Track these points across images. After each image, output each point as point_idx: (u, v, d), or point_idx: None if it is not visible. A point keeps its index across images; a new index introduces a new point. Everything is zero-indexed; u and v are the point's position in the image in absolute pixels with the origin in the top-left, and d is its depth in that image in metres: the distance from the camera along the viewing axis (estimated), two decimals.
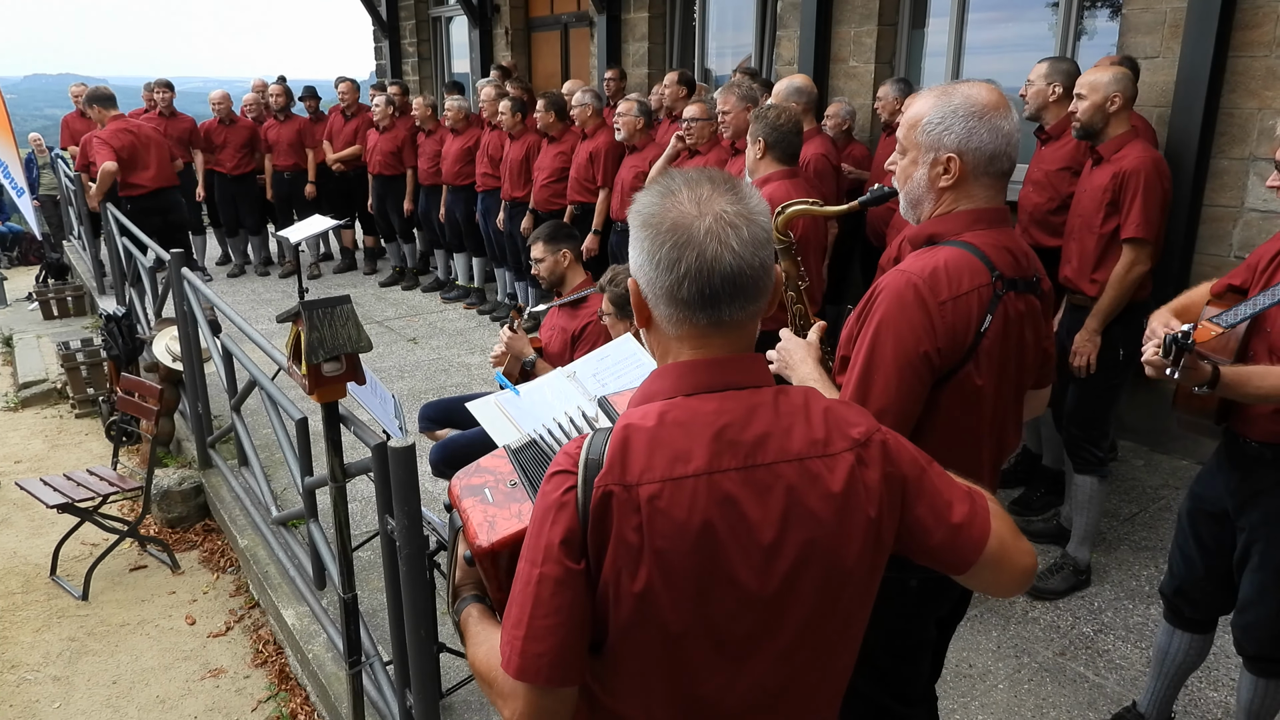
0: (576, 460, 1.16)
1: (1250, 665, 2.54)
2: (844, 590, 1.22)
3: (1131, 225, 3.36)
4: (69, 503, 4.36)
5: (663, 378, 1.23)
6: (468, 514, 1.40)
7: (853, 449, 1.21)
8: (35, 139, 12.03)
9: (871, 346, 1.75)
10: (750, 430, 1.17)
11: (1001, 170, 1.81)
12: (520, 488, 1.44)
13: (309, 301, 2.27)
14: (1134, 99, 3.57)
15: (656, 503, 1.12)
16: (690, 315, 1.19)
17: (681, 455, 1.14)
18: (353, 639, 2.83)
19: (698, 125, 5.02)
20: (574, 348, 3.82)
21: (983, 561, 1.29)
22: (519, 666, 1.14)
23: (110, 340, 5.93)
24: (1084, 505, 3.61)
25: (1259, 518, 2.38)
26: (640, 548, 1.12)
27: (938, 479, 1.30)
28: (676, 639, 1.17)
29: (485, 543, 1.35)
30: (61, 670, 3.86)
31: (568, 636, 1.14)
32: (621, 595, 1.14)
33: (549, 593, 1.13)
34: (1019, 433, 2.01)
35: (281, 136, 8.75)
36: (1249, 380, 2.11)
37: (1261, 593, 2.41)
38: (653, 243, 1.18)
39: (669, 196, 1.19)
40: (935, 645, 2.16)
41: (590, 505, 1.13)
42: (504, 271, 7.59)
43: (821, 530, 1.18)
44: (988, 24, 5.84)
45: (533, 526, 1.18)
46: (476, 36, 10.46)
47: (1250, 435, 2.33)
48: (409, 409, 5.16)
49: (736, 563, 1.15)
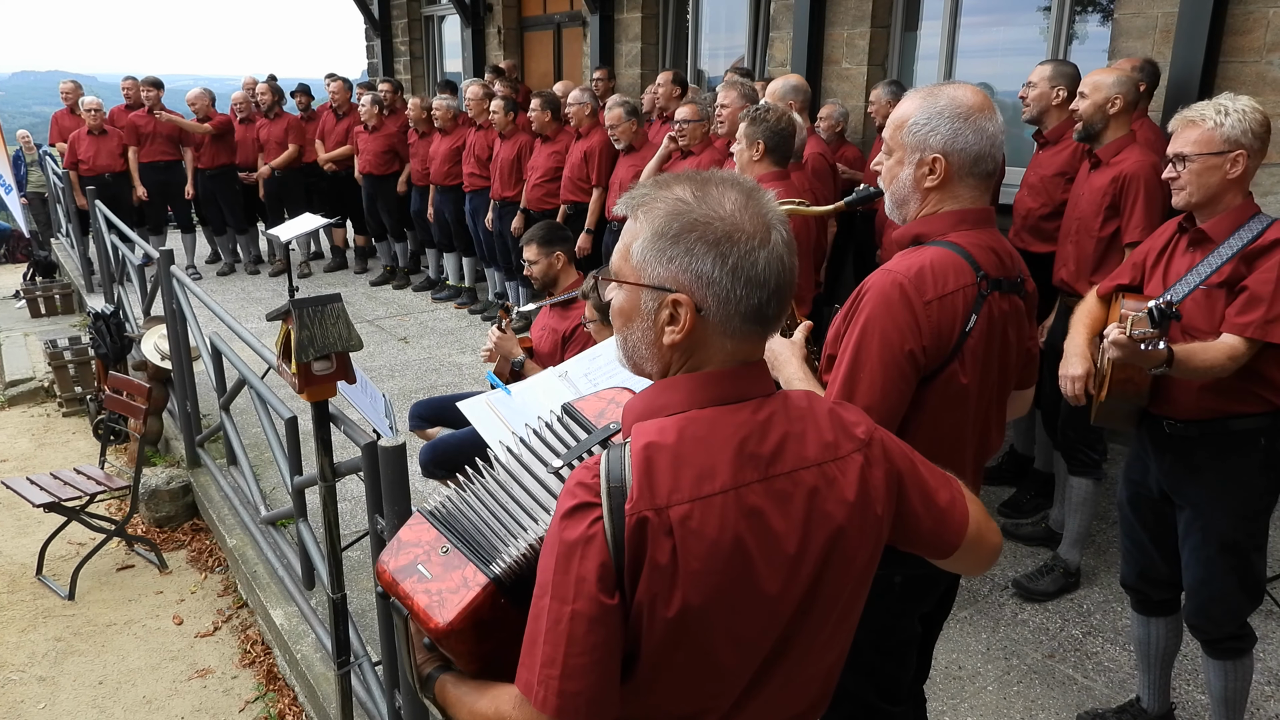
0: (596, 490, 1.11)
1: (1212, 650, 2.58)
2: (855, 589, 1.24)
3: (1134, 229, 3.35)
4: (56, 502, 4.34)
5: (673, 390, 1.18)
6: (411, 598, 1.30)
7: (860, 450, 1.22)
8: (23, 136, 11.96)
9: (858, 345, 1.76)
10: (768, 440, 1.15)
11: (986, 171, 1.83)
12: (455, 552, 1.33)
13: (299, 300, 2.26)
14: (1136, 103, 3.54)
15: (688, 524, 1.09)
16: (743, 319, 1.15)
17: (706, 472, 1.11)
18: (341, 639, 2.82)
19: (690, 127, 5.02)
20: (564, 348, 3.81)
21: (964, 544, 1.33)
22: (557, 707, 1.09)
23: (98, 338, 5.89)
24: (1077, 507, 3.62)
25: (1196, 496, 2.46)
26: (674, 571, 1.09)
27: (922, 468, 1.32)
28: (706, 656, 1.15)
29: (443, 623, 1.25)
30: (47, 670, 3.83)
31: (605, 673, 1.11)
32: (655, 621, 1.11)
33: (584, 630, 1.08)
34: (1002, 433, 2.03)
35: (271, 135, 8.71)
36: (1194, 355, 2.20)
37: (1209, 567, 2.47)
38: (705, 248, 1.12)
39: (704, 203, 1.13)
40: (921, 643, 2.17)
41: (625, 535, 1.08)
42: (494, 271, 7.58)
43: (839, 534, 1.18)
44: (980, 27, 5.86)
45: (554, 563, 1.11)
46: (469, 35, 10.45)
47: (1175, 415, 2.42)
48: (400, 408, 5.14)
49: (764, 576, 1.14)
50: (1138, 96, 3.55)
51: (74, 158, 8.54)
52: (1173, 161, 2.37)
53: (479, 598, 1.25)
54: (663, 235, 1.14)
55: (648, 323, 1.17)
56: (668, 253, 1.13)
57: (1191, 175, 2.32)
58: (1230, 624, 2.52)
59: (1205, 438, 2.40)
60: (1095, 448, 3.59)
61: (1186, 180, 2.34)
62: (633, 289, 1.18)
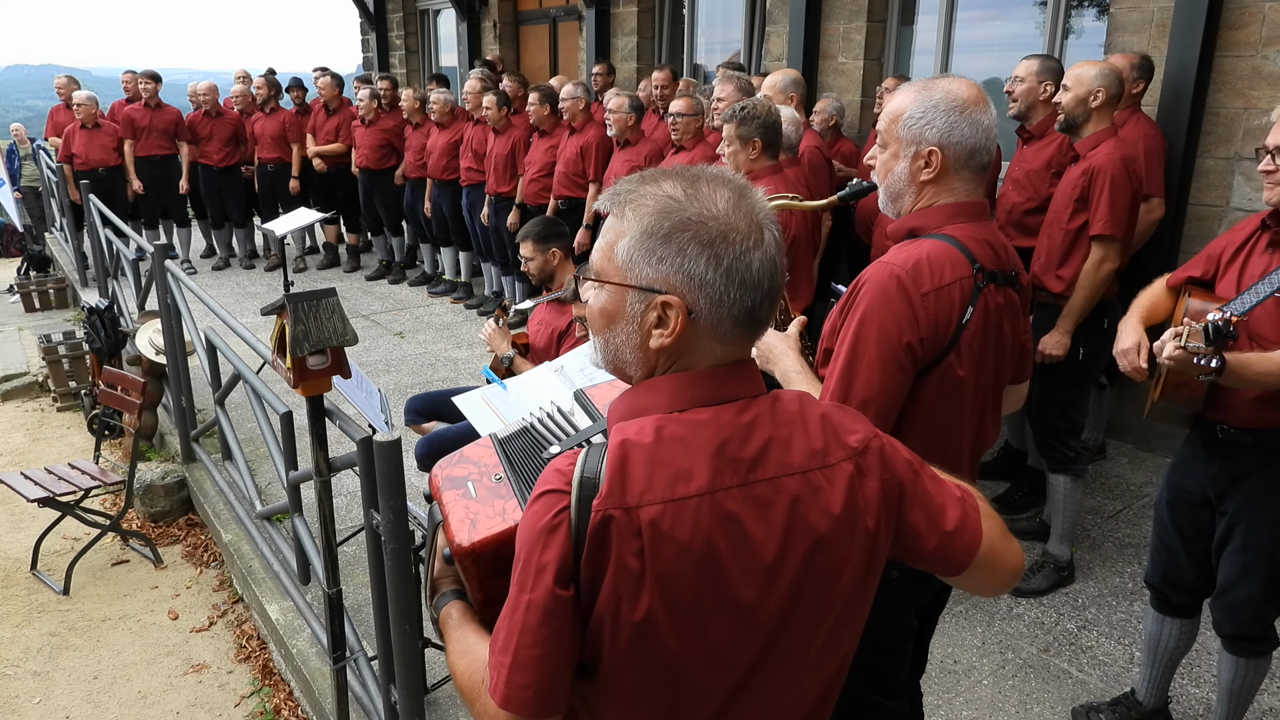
0: (569, 479, 1.09)
1: (1230, 645, 2.58)
2: (841, 603, 1.19)
3: (1099, 222, 3.34)
4: (50, 496, 4.32)
5: (654, 391, 1.15)
6: (448, 510, 1.33)
7: (851, 458, 1.16)
8: (17, 130, 11.89)
9: (855, 337, 1.75)
10: (751, 444, 1.12)
11: (981, 164, 1.83)
12: (505, 483, 1.35)
13: (294, 294, 2.25)
14: (1119, 96, 3.52)
15: (659, 525, 1.06)
16: (734, 322, 1.12)
17: (682, 474, 1.08)
18: (337, 634, 2.82)
19: (683, 121, 5.01)
20: (560, 343, 3.81)
21: (975, 564, 1.27)
22: (504, 695, 1.10)
23: (92, 333, 5.88)
24: (1059, 504, 3.62)
25: (1241, 500, 2.43)
26: (642, 573, 1.07)
27: (930, 483, 1.26)
28: (675, 665, 1.12)
29: (466, 542, 1.27)
30: (42, 665, 3.82)
31: (555, 666, 1.09)
32: (620, 623, 1.08)
33: (536, 620, 1.08)
34: (997, 426, 2.03)
35: (267, 129, 8.67)
36: (1249, 365, 2.14)
37: (1244, 573, 2.46)
38: (699, 249, 1.09)
39: (695, 200, 1.10)
40: (917, 637, 2.18)
41: (588, 530, 1.06)
42: (490, 266, 7.56)
43: (822, 545, 1.14)
44: (976, 22, 5.86)
45: (522, 548, 1.11)
46: (464, 29, 10.42)
47: (1230, 422, 2.38)
48: (395, 403, 5.13)
49: (738, 583, 1.10)
50: (1121, 89, 3.51)
51: (68, 152, 8.50)
52: (1270, 153, 2.25)
53: (508, 532, 1.26)
54: (652, 234, 1.09)
55: (633, 325, 1.13)
56: (657, 252, 1.09)
57: None
58: (1254, 626, 2.52)
59: (1259, 446, 2.35)
60: (1069, 444, 3.57)
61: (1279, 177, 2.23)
62: (617, 289, 1.13)
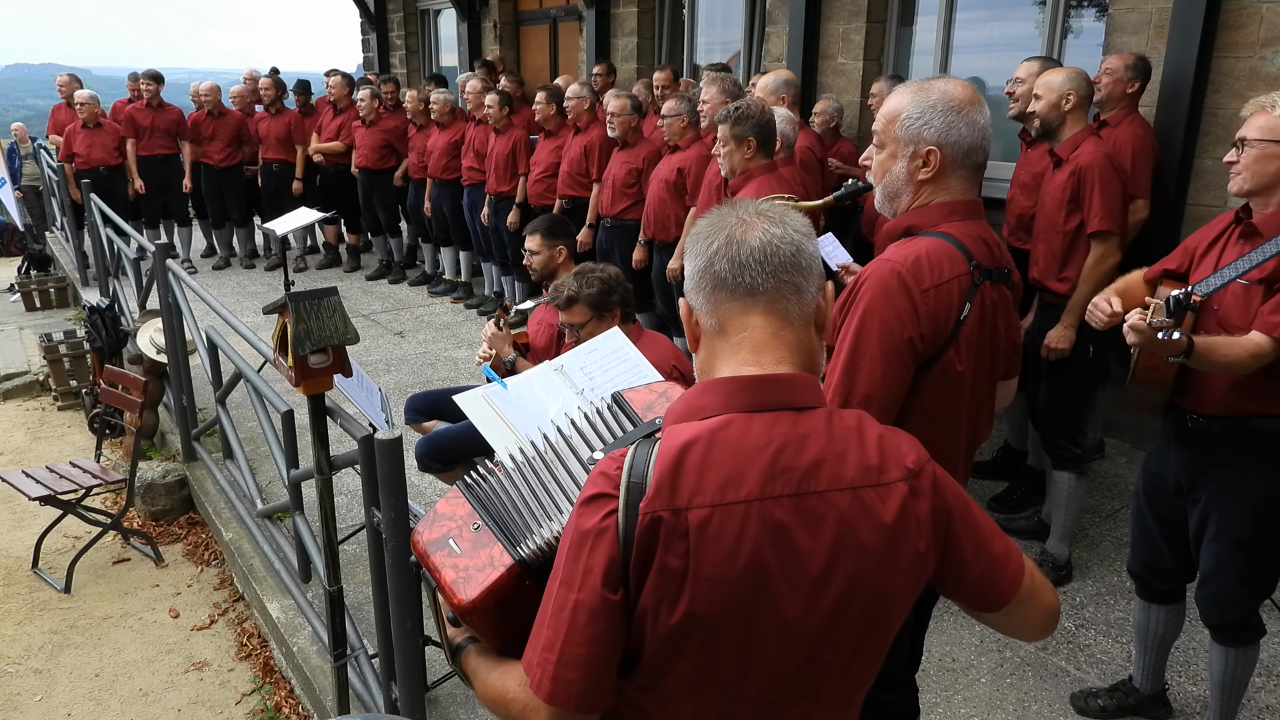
0: (616, 482, 1.10)
1: (1217, 636, 2.60)
2: (883, 622, 1.18)
3: (1095, 219, 3.40)
4: (51, 495, 4.34)
5: (711, 392, 1.17)
6: (440, 573, 1.33)
7: (906, 479, 1.16)
8: (18, 129, 11.90)
9: (857, 334, 1.77)
10: (805, 455, 1.12)
11: (977, 163, 1.86)
12: (485, 530, 1.34)
13: (296, 293, 2.26)
14: (1090, 97, 3.65)
15: (706, 529, 1.07)
16: (725, 289, 1.19)
17: (733, 479, 1.09)
18: (338, 632, 2.83)
19: (669, 121, 5.07)
20: (560, 343, 3.82)
21: (1018, 598, 1.26)
22: (550, 691, 1.11)
23: (94, 332, 5.89)
24: (1062, 502, 3.63)
25: (1213, 490, 2.46)
26: (684, 575, 1.07)
27: (977, 512, 1.26)
28: (712, 671, 1.12)
29: (466, 600, 1.28)
30: (43, 663, 3.84)
31: (601, 666, 1.11)
32: (659, 624, 1.09)
33: (584, 620, 1.09)
34: (991, 422, 2.06)
35: (272, 130, 8.68)
36: (1215, 349, 2.19)
37: (1221, 563, 2.49)
38: (691, 247, 1.24)
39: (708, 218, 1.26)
40: (912, 631, 2.19)
41: (635, 532, 1.07)
42: (490, 266, 7.57)
43: (870, 562, 1.13)
44: (976, 23, 5.87)
45: (568, 549, 1.12)
46: (465, 30, 10.42)
47: (1200, 410, 2.41)
48: (395, 402, 5.15)
49: (783, 595, 1.10)
50: (1090, 90, 3.66)
51: (69, 151, 8.51)
52: (1236, 145, 2.32)
53: (503, 578, 1.26)
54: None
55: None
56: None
57: (1248, 160, 2.28)
58: (1237, 614, 2.54)
59: (1227, 435, 2.39)
60: (1077, 442, 3.59)
61: (1243, 165, 2.29)
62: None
